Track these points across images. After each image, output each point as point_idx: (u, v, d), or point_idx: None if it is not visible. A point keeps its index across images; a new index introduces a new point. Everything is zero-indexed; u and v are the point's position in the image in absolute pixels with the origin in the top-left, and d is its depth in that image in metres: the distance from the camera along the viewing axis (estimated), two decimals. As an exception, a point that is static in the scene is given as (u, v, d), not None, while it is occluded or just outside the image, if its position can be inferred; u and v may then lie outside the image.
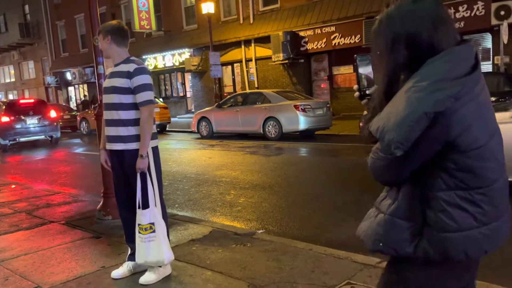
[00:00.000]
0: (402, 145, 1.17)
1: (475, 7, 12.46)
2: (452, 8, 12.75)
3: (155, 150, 3.24)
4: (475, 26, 12.54)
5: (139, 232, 3.11)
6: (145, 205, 3.11)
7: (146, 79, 3.10)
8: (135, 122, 3.13)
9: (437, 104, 1.16)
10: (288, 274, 3.21)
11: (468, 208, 1.24)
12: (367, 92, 1.48)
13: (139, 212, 3.10)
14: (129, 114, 3.13)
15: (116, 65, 3.20)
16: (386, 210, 1.35)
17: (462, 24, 12.67)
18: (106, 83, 3.22)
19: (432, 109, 1.16)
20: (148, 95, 3.09)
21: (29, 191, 6.93)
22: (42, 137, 15.05)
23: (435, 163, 1.25)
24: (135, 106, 3.12)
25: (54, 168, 10.12)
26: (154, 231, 3.09)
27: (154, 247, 3.09)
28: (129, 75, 3.08)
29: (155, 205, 3.14)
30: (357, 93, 1.50)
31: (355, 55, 1.50)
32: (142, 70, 3.10)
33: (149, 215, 3.08)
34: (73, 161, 11.48)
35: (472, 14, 12.56)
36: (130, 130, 3.14)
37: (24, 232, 4.66)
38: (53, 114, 15.28)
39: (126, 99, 3.11)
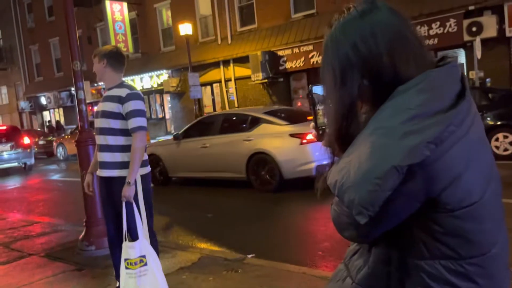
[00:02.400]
0: (366, 210, 0.87)
1: (447, 24, 12.81)
2: (425, 25, 13.09)
3: (146, 177, 3.13)
4: (448, 42, 12.87)
5: (127, 268, 2.92)
6: (134, 237, 2.95)
7: (139, 104, 3.03)
8: (123, 149, 3.03)
9: (411, 154, 0.85)
10: (284, 301, 3.10)
11: (458, 283, 0.93)
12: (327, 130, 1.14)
13: (126, 245, 2.94)
14: (117, 140, 3.04)
15: (109, 89, 3.14)
16: (356, 276, 1.06)
17: (436, 40, 12.99)
18: (98, 107, 3.18)
19: (404, 161, 0.85)
20: (140, 121, 3.01)
21: (5, 222, 6.63)
22: (16, 164, 14.63)
23: (414, 221, 0.93)
24: (124, 132, 3.03)
25: (30, 196, 9.76)
26: (145, 264, 2.91)
27: (147, 281, 2.92)
28: (120, 100, 3.01)
29: (144, 236, 2.99)
30: (314, 132, 1.17)
31: (309, 85, 1.21)
32: (134, 96, 3.03)
33: (138, 247, 2.92)
34: (50, 188, 11.12)
35: (445, 31, 12.90)
36: (116, 157, 3.04)
37: (1, 267, 4.42)
38: (26, 140, 14.92)
39: (115, 124, 3.02)
